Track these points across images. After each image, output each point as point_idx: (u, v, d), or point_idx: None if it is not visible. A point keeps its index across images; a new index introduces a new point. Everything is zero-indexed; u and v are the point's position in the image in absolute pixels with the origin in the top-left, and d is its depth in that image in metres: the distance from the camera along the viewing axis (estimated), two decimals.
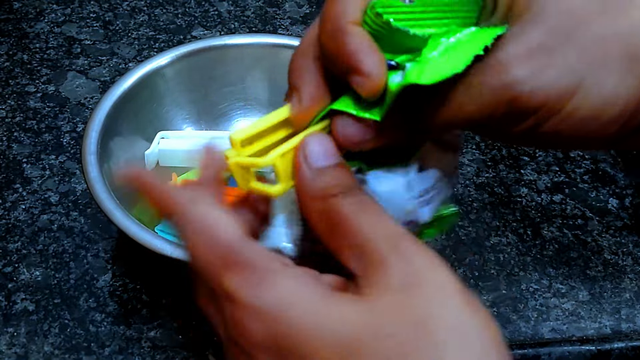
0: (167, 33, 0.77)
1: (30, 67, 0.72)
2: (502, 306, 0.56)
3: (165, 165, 0.61)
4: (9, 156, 0.63)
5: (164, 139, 0.61)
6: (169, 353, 0.50)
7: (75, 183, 0.61)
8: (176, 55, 0.61)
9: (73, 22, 0.78)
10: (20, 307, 0.53)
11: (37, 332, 0.51)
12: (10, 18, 0.78)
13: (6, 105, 0.68)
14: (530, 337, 0.54)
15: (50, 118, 0.67)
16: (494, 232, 0.60)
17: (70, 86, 0.70)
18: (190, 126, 0.64)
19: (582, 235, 0.62)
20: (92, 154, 0.53)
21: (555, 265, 0.59)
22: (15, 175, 0.62)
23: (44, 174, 0.62)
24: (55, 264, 0.55)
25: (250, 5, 0.82)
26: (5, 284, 0.54)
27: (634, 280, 0.59)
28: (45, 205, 0.59)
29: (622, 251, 0.61)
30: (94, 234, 0.58)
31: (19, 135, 0.65)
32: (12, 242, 0.57)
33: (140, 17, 0.79)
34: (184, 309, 0.53)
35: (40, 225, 0.58)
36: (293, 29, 0.79)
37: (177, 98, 0.63)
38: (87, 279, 0.55)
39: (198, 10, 0.80)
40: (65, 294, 0.54)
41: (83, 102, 0.69)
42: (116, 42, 0.75)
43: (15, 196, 0.60)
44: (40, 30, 0.76)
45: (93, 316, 0.52)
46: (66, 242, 0.57)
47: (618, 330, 0.55)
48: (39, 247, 0.57)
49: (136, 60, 0.73)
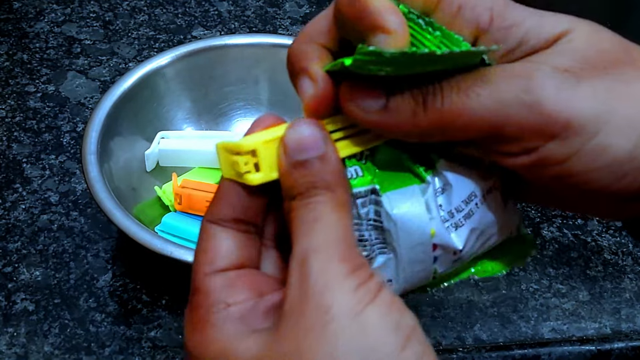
0: (167, 33, 0.77)
1: (30, 67, 0.72)
2: (502, 306, 0.56)
3: (165, 165, 0.61)
4: (9, 156, 0.63)
5: (164, 139, 0.61)
6: (169, 353, 0.50)
7: (75, 183, 0.61)
8: (176, 55, 0.61)
9: (73, 22, 0.78)
10: (20, 307, 0.53)
11: (37, 332, 0.51)
12: (10, 18, 0.78)
13: (6, 105, 0.68)
14: (530, 337, 0.54)
15: (50, 118, 0.67)
16: None
17: (70, 86, 0.70)
18: (190, 126, 0.64)
19: (582, 235, 0.62)
20: (92, 154, 0.53)
21: (555, 265, 0.59)
22: (15, 175, 0.62)
23: (44, 174, 0.62)
24: (55, 264, 0.55)
25: (250, 5, 0.82)
26: (5, 284, 0.54)
27: (634, 280, 0.59)
28: (45, 205, 0.59)
29: (622, 251, 0.61)
30: (94, 234, 0.58)
31: (19, 135, 0.65)
32: (12, 242, 0.57)
33: (140, 17, 0.79)
34: (184, 309, 0.53)
35: (40, 225, 0.58)
36: (293, 29, 0.79)
37: (177, 98, 0.63)
38: (87, 279, 0.55)
39: (198, 10, 0.80)
40: (65, 294, 0.54)
41: (83, 102, 0.69)
42: (116, 42, 0.75)
43: (15, 196, 0.60)
44: (40, 30, 0.76)
45: (93, 316, 0.52)
46: (66, 242, 0.57)
47: (618, 330, 0.55)
48: (39, 247, 0.57)
49: (136, 60, 0.73)
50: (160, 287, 0.54)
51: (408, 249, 0.28)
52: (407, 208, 0.27)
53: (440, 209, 0.28)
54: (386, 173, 0.28)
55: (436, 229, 0.28)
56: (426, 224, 0.27)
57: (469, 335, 0.53)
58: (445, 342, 0.52)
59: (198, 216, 0.56)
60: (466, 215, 0.28)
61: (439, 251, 0.28)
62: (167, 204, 0.57)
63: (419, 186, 0.28)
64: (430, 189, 0.28)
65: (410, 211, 0.27)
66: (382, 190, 0.28)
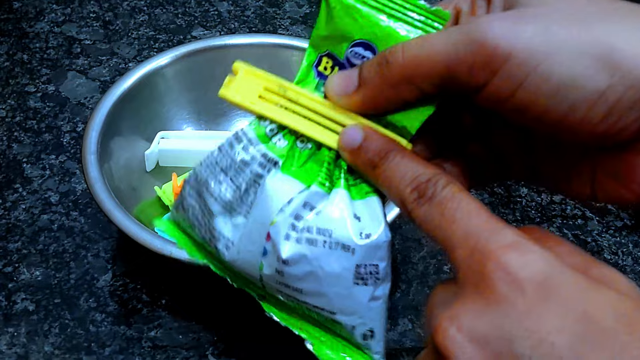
0: (167, 33, 0.77)
1: (30, 67, 0.72)
2: None
3: (165, 165, 0.61)
4: (9, 156, 0.63)
5: (164, 139, 0.61)
6: (169, 353, 0.50)
7: (75, 183, 0.61)
8: (176, 55, 0.61)
9: (73, 22, 0.78)
10: (20, 307, 0.53)
11: (38, 332, 0.51)
12: (10, 18, 0.78)
13: (6, 105, 0.68)
14: None
15: (50, 118, 0.67)
16: None
17: (70, 86, 0.70)
18: (190, 126, 0.64)
19: (582, 235, 0.62)
20: (92, 154, 0.53)
21: None
22: (16, 175, 0.62)
23: (44, 174, 0.62)
24: (55, 264, 0.55)
25: (250, 5, 0.82)
26: (6, 284, 0.54)
27: (634, 280, 0.59)
28: (45, 205, 0.60)
29: (622, 251, 0.61)
30: (94, 234, 0.58)
31: (19, 135, 0.65)
32: (12, 242, 0.57)
33: (140, 17, 0.79)
34: (184, 309, 0.53)
35: (41, 225, 0.58)
36: (293, 29, 0.79)
37: (177, 98, 0.63)
38: (87, 279, 0.55)
39: (198, 10, 0.80)
40: (66, 294, 0.54)
41: (83, 102, 0.69)
42: (116, 42, 0.75)
43: (16, 196, 0.60)
44: (40, 30, 0.76)
45: (93, 316, 0.52)
46: (66, 242, 0.57)
47: None
48: (39, 247, 0.57)
49: (136, 60, 0.73)
50: (160, 287, 0.54)
51: (254, 221, 0.29)
52: (278, 188, 0.29)
53: (299, 217, 0.28)
54: (302, 168, 0.30)
55: (279, 221, 0.28)
56: (275, 211, 0.29)
57: None
58: None
59: None
60: (310, 242, 0.28)
61: (269, 245, 0.29)
62: (167, 204, 0.58)
63: (307, 188, 0.29)
64: (312, 197, 0.29)
65: (277, 192, 0.29)
66: (282, 169, 0.29)
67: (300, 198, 0.28)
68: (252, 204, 0.29)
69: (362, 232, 0.28)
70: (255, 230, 0.29)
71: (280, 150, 0.30)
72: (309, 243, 0.28)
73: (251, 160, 0.30)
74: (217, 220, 0.30)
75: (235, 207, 0.30)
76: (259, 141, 0.30)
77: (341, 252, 0.28)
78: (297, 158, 0.30)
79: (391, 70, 0.27)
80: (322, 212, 0.28)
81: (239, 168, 0.30)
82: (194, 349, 0.51)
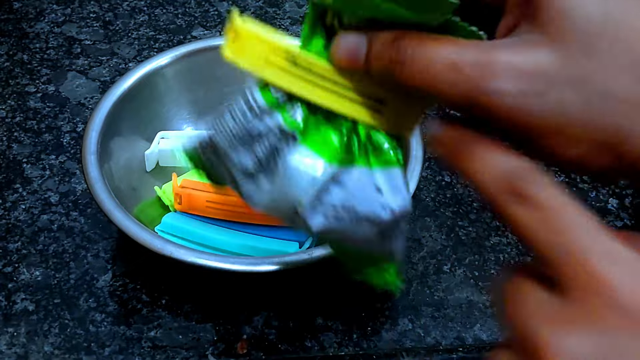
0: (167, 33, 0.77)
1: (30, 67, 0.72)
2: None
3: (165, 165, 0.61)
4: (9, 156, 0.63)
5: (164, 139, 0.61)
6: (169, 353, 0.50)
7: (75, 183, 0.61)
8: (176, 55, 0.61)
9: (73, 22, 0.78)
10: (20, 307, 0.53)
11: (37, 332, 0.51)
12: (10, 18, 0.78)
13: (6, 105, 0.68)
14: None
15: (50, 118, 0.67)
16: (494, 232, 0.60)
17: (70, 86, 0.70)
18: (190, 126, 0.64)
19: None
20: (92, 154, 0.53)
21: None
22: (15, 175, 0.62)
23: (44, 174, 0.62)
24: (55, 264, 0.55)
25: (250, 5, 0.82)
26: (5, 284, 0.54)
27: None
28: (45, 205, 0.59)
29: None
30: (94, 234, 0.58)
31: (19, 135, 0.65)
32: (12, 242, 0.57)
33: (140, 17, 0.79)
34: (184, 309, 0.53)
35: (40, 225, 0.58)
36: (293, 29, 0.79)
37: (177, 98, 0.63)
38: (87, 279, 0.55)
39: (198, 10, 0.80)
40: (65, 294, 0.54)
41: (83, 102, 0.69)
42: (116, 42, 0.75)
43: (16, 196, 0.60)
44: (40, 30, 0.76)
45: (93, 316, 0.52)
46: (66, 242, 0.57)
47: None
48: (39, 247, 0.57)
49: (136, 60, 0.73)
50: (160, 287, 0.54)
51: (279, 192, 0.30)
52: (299, 164, 0.29)
53: (324, 192, 0.29)
54: (321, 140, 0.29)
55: (304, 201, 0.29)
56: (300, 190, 0.29)
57: (469, 335, 0.53)
58: (445, 342, 0.52)
59: (198, 216, 0.56)
60: (337, 219, 0.30)
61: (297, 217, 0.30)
62: (167, 204, 0.58)
63: (329, 163, 0.29)
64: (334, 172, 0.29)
65: (299, 170, 0.29)
66: (302, 142, 0.29)
67: (323, 175, 0.29)
68: (275, 174, 0.30)
69: (384, 205, 0.29)
70: (282, 200, 0.30)
71: (297, 123, 0.29)
72: (336, 219, 0.30)
73: (268, 131, 0.29)
74: (243, 183, 0.31)
75: (258, 175, 0.30)
76: (272, 109, 0.29)
77: (366, 225, 0.30)
78: (314, 129, 0.29)
79: (404, 74, 0.25)
80: (344, 187, 0.29)
81: (256, 139, 0.30)
82: (194, 349, 0.51)
